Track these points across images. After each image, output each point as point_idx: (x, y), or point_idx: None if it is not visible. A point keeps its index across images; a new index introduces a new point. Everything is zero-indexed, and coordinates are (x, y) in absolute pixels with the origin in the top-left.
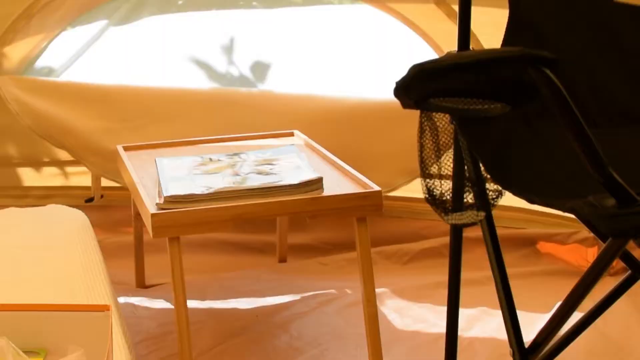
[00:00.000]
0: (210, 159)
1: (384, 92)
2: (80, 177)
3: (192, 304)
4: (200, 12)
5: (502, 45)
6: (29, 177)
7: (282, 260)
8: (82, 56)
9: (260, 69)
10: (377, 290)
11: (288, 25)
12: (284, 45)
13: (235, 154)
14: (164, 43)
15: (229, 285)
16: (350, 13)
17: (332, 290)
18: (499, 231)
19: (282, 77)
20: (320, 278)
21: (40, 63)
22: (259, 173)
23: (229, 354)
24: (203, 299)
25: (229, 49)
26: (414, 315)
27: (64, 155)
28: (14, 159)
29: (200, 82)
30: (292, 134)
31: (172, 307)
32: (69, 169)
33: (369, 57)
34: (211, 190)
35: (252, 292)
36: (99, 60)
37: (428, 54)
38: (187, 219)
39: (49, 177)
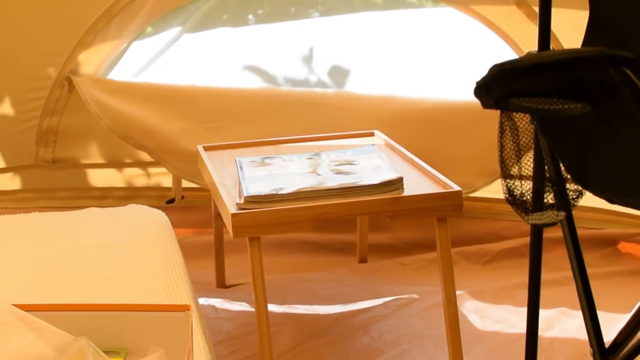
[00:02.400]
0: (291, 159)
1: (465, 93)
2: (161, 178)
3: (272, 307)
4: (279, 23)
5: (582, 45)
6: (109, 178)
7: (362, 260)
8: (158, 60)
9: (339, 74)
10: (457, 292)
11: (369, 29)
12: (364, 49)
13: (316, 154)
14: (239, 52)
15: (309, 288)
16: (431, 15)
17: (413, 294)
18: (579, 232)
19: (364, 81)
20: (401, 280)
21: (119, 64)
22: (339, 173)
23: (309, 354)
24: (283, 301)
25: (308, 58)
26: (494, 316)
27: (144, 156)
28: (95, 160)
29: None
30: (372, 134)
31: (252, 307)
32: (150, 170)
33: (449, 58)
34: (291, 190)
35: (332, 296)
36: (175, 64)
37: (508, 55)
38: (267, 219)
39: (130, 178)
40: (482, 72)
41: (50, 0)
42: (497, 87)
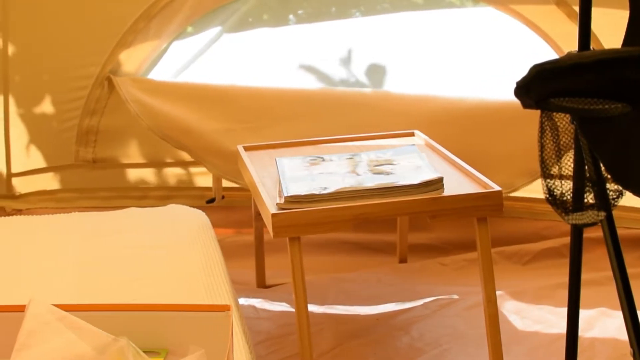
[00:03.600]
0: (331, 159)
1: (505, 93)
2: (201, 177)
3: (312, 307)
4: (319, 23)
5: (623, 45)
6: (149, 177)
7: (403, 260)
8: (198, 60)
9: (380, 74)
10: (497, 292)
11: (410, 28)
12: (405, 49)
13: (355, 154)
14: (279, 52)
15: (350, 289)
16: (471, 15)
17: (453, 294)
18: (619, 231)
19: (404, 80)
20: (441, 280)
21: (159, 64)
22: (379, 173)
23: (349, 355)
24: (323, 302)
25: (347, 58)
26: (534, 316)
27: (184, 156)
28: (135, 160)
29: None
30: (412, 134)
31: (293, 308)
32: (190, 170)
33: (489, 58)
34: (331, 190)
35: (372, 296)
36: (215, 64)
37: (549, 55)
38: (307, 218)
39: (170, 178)
40: (522, 72)
41: (90, 1)
42: (538, 87)
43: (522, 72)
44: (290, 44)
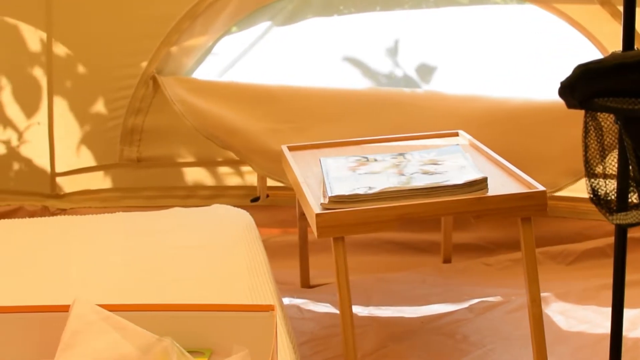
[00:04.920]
0: (375, 159)
1: (549, 93)
2: (246, 177)
3: (356, 308)
4: (364, 14)
5: None
6: (194, 177)
7: (447, 260)
8: (246, 56)
9: (424, 70)
10: (542, 293)
11: (453, 24)
12: (448, 45)
13: (400, 154)
14: (326, 44)
15: (394, 289)
16: (515, 13)
17: (498, 295)
18: None
19: (447, 78)
20: (485, 281)
21: (204, 63)
22: (424, 173)
23: (393, 357)
24: (367, 302)
25: (393, 51)
26: (579, 316)
27: (229, 155)
28: (179, 160)
29: (362, 83)
30: (456, 134)
31: (337, 308)
32: (234, 169)
33: (533, 57)
34: (375, 190)
35: (416, 297)
36: (262, 60)
37: (593, 55)
38: (351, 219)
39: (214, 177)
40: (567, 72)
41: (135, 0)
42: (582, 87)
43: (566, 72)
44: (337, 36)
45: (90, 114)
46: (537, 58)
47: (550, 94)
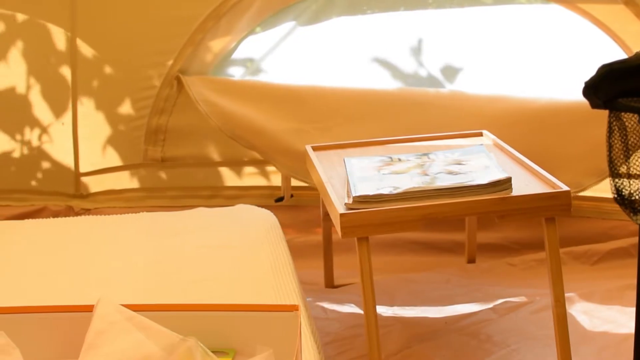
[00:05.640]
0: (399, 159)
1: (573, 93)
2: (270, 177)
3: (380, 308)
4: (388, 13)
5: None
6: (218, 177)
7: (471, 260)
8: (270, 56)
9: (449, 70)
10: (566, 293)
11: (477, 24)
12: (472, 45)
13: (424, 154)
14: (350, 44)
15: (418, 289)
16: (539, 13)
17: (522, 296)
18: None
19: (471, 77)
20: (509, 281)
21: (229, 63)
22: (448, 173)
23: (417, 357)
24: (392, 302)
25: (417, 50)
26: (603, 316)
27: (253, 155)
28: (204, 160)
29: (386, 82)
30: (480, 134)
31: (361, 308)
32: (259, 169)
33: (557, 57)
34: (400, 190)
35: (440, 297)
36: (286, 60)
37: (617, 55)
38: (375, 219)
39: (238, 177)
40: (591, 72)
41: (159, 0)
42: (606, 87)
43: (590, 72)
44: (361, 35)
45: (114, 114)
46: (561, 58)
47: (574, 94)
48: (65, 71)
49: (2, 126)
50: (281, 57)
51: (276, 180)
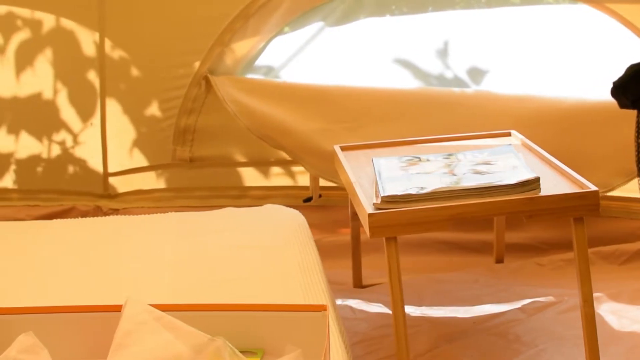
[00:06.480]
0: (427, 159)
1: (601, 93)
2: (298, 177)
3: (409, 308)
4: (416, 15)
5: None
6: (246, 177)
7: (499, 260)
8: (297, 57)
9: (476, 71)
10: (595, 293)
11: (505, 25)
12: (500, 46)
13: (452, 154)
14: (378, 45)
15: (446, 289)
16: (567, 13)
17: (550, 296)
18: None
19: (499, 78)
20: (538, 282)
21: (257, 64)
22: (476, 173)
23: (445, 357)
24: (420, 303)
25: (444, 52)
26: (631, 316)
27: (281, 155)
28: (232, 160)
29: (413, 83)
30: (508, 134)
31: (389, 308)
32: (287, 169)
33: (585, 57)
34: (428, 190)
35: (469, 297)
36: (314, 60)
37: None
38: (404, 219)
39: (267, 177)
40: (619, 72)
41: (187, 0)
42: (634, 87)
43: (619, 71)
44: (388, 37)
45: (142, 114)
46: (589, 58)
47: (602, 94)
48: (93, 73)
49: (32, 128)
50: (309, 57)
51: (303, 180)
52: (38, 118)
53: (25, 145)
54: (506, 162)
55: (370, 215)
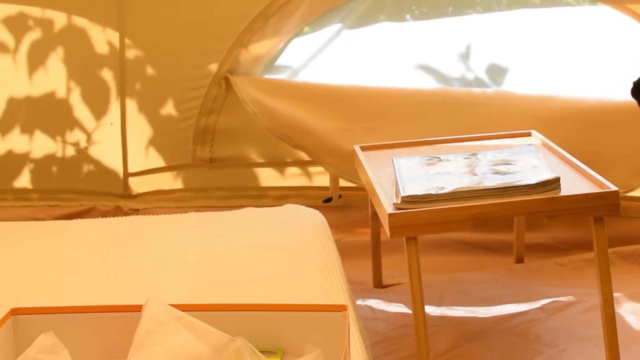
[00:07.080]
0: (447, 159)
1: (621, 93)
2: (318, 177)
3: (429, 308)
4: (436, 20)
5: None
6: (266, 177)
7: (519, 260)
8: (317, 58)
9: (496, 72)
10: (615, 293)
11: (525, 26)
12: (521, 47)
13: (472, 154)
14: (397, 49)
15: (466, 289)
16: (588, 14)
17: (570, 296)
18: None
19: (519, 79)
20: (558, 282)
21: (276, 64)
22: (496, 173)
23: (465, 357)
24: (440, 303)
25: (465, 55)
26: None
27: (301, 155)
28: (252, 160)
29: (432, 86)
30: (529, 134)
31: (409, 308)
32: (307, 170)
33: (605, 57)
34: (448, 190)
35: (489, 297)
36: (333, 62)
37: None
38: (424, 219)
39: (287, 177)
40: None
41: (207, 1)
42: None
43: (639, 71)
44: (408, 41)
45: (162, 115)
46: (609, 58)
47: (622, 94)
48: (111, 73)
49: (51, 128)
50: (328, 59)
51: (321, 180)
52: (56, 119)
53: (41, 145)
54: (526, 162)
55: (390, 215)
